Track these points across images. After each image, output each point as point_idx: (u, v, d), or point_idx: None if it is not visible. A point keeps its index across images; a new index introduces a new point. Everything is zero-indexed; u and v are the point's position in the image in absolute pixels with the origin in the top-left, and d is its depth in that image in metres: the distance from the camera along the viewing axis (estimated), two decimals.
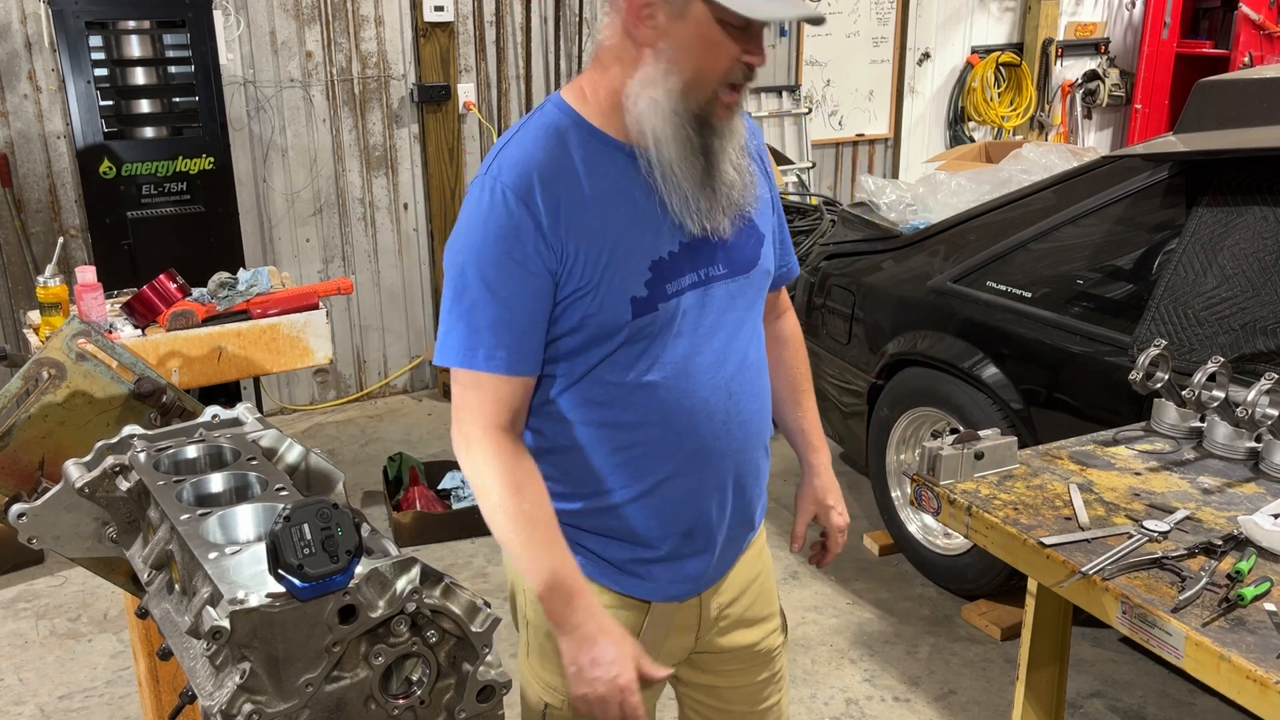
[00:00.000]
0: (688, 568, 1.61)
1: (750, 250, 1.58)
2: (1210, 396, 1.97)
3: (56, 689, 3.03)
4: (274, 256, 4.95)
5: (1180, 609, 1.53)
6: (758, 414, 1.62)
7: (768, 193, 1.66)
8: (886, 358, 3.47)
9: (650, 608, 1.62)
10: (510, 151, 1.44)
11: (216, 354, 3.13)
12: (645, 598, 1.61)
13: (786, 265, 1.76)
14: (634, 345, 1.48)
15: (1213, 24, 7.05)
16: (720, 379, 1.54)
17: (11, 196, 4.38)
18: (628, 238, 1.45)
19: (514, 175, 1.41)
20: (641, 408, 1.50)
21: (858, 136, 6.41)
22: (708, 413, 1.53)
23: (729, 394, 1.56)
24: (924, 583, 3.51)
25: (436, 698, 1.29)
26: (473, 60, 5.14)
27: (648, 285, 1.46)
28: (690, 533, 1.58)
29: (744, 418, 1.58)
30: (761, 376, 1.64)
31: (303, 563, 1.13)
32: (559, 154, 1.43)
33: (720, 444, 1.56)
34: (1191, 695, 2.92)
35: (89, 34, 3.92)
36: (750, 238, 1.58)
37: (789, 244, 1.77)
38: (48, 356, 1.80)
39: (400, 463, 4.11)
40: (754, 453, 1.63)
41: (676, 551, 1.58)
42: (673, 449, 1.53)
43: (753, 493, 1.66)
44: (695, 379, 1.52)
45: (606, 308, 1.44)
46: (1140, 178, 2.90)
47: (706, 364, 1.53)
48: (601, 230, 1.43)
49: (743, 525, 1.68)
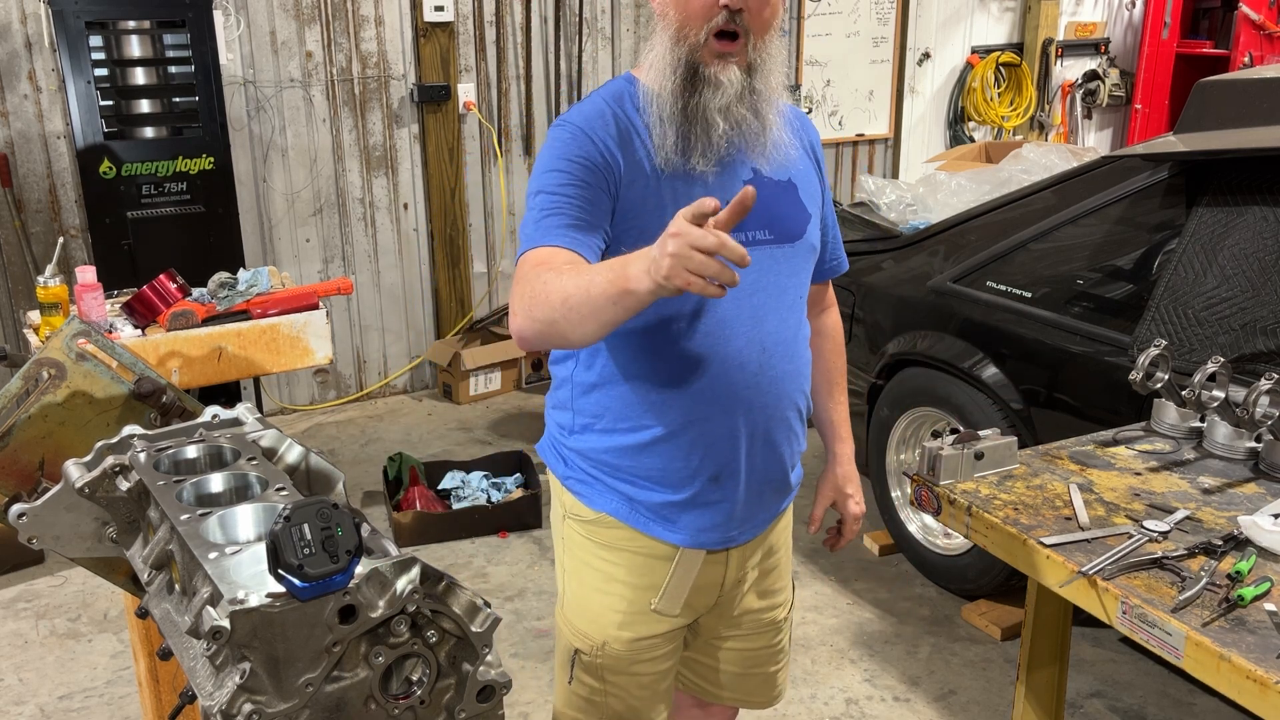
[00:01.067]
0: (712, 515, 1.69)
1: (797, 223, 1.69)
2: (1210, 396, 1.97)
3: (56, 689, 3.03)
4: (274, 256, 4.95)
5: (1180, 609, 1.53)
6: (793, 375, 1.70)
7: (816, 180, 1.77)
8: (886, 358, 3.47)
9: (679, 554, 1.70)
10: (579, 106, 1.64)
11: (216, 354, 3.13)
12: (674, 543, 1.70)
13: (836, 259, 1.89)
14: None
15: (1213, 24, 7.05)
16: (756, 335, 1.63)
17: (11, 196, 4.38)
18: (671, 186, 1.57)
19: (580, 117, 1.59)
20: (678, 351, 1.60)
21: (858, 136, 6.41)
22: (740, 362, 1.62)
23: (763, 348, 1.64)
24: (924, 583, 3.51)
25: (436, 698, 1.29)
26: (473, 60, 5.14)
27: None
28: (717, 478, 1.66)
29: (776, 374, 1.66)
30: (799, 343, 1.72)
31: (303, 563, 1.13)
32: (618, 109, 1.60)
33: (751, 394, 1.64)
34: (1191, 695, 2.92)
35: (89, 34, 3.92)
36: (797, 211, 1.69)
37: (839, 240, 1.90)
38: (48, 356, 1.80)
39: (400, 463, 4.11)
40: (786, 411, 1.70)
41: (702, 496, 1.67)
42: (705, 393, 1.61)
43: (784, 450, 1.73)
44: (731, 328, 1.61)
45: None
46: (1140, 178, 2.90)
47: (744, 317, 1.62)
48: (649, 174, 1.57)
49: (773, 485, 1.74)
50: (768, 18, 1.56)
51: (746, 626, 1.87)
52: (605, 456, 1.68)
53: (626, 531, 1.71)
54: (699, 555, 1.72)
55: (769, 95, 1.60)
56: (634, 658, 1.76)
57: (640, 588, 1.73)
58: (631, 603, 1.73)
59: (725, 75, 1.55)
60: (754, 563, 1.82)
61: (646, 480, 1.67)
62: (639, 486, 1.68)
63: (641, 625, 1.75)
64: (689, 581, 1.73)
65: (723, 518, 1.70)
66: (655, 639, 1.76)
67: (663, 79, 1.57)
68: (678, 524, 1.69)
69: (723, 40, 1.54)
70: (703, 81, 1.55)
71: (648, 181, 1.58)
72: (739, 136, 1.60)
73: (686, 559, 1.71)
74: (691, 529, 1.69)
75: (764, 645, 1.91)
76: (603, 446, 1.68)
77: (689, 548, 1.71)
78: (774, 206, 1.66)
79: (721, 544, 1.73)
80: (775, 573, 1.88)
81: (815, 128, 1.83)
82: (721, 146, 1.58)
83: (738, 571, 1.79)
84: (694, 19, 1.53)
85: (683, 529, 1.69)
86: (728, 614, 1.84)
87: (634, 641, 1.75)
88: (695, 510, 1.68)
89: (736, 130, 1.59)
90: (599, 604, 1.75)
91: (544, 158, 1.59)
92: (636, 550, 1.72)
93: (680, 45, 1.54)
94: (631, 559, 1.72)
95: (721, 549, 1.74)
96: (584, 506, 1.74)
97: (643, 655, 1.76)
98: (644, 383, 1.63)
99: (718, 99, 1.55)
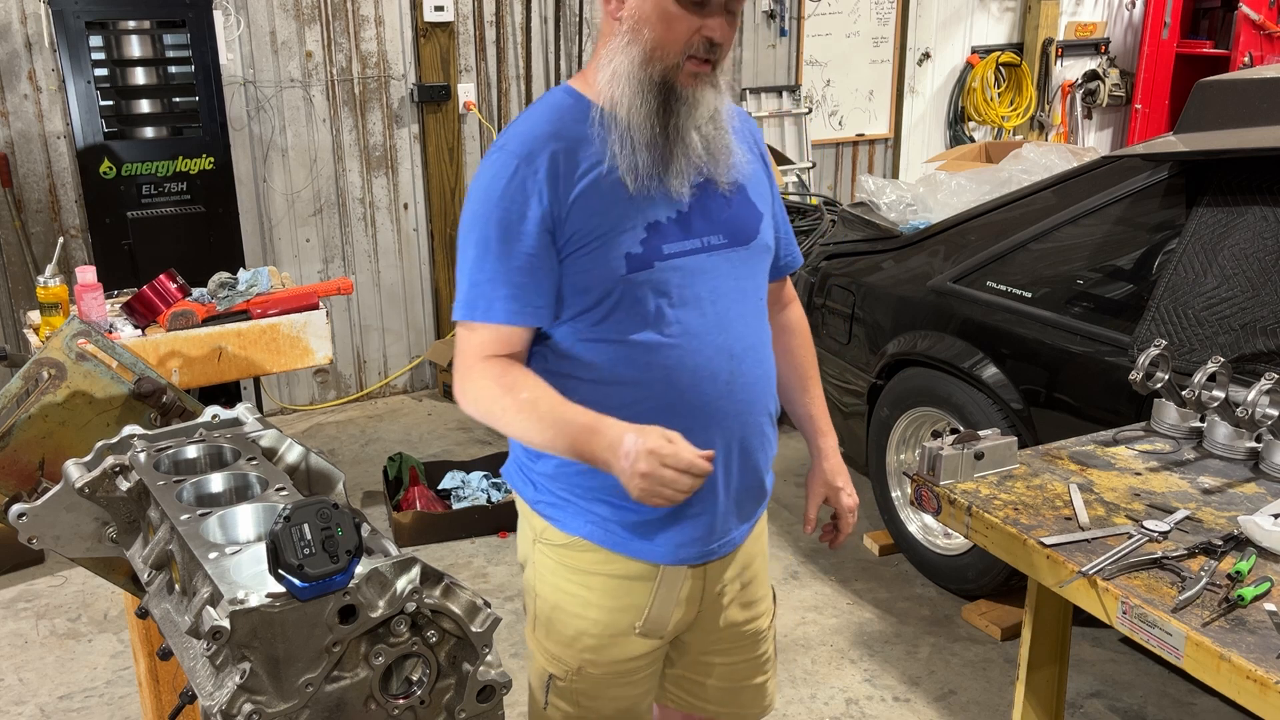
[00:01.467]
0: (691, 530, 1.66)
1: (750, 224, 1.67)
2: (1210, 396, 1.97)
3: (56, 689, 3.03)
4: (274, 256, 4.95)
5: (1180, 609, 1.53)
6: (762, 380, 1.69)
7: (764, 177, 1.75)
8: (886, 358, 3.47)
9: (660, 572, 1.68)
10: (516, 125, 1.60)
11: (216, 354, 3.13)
12: (653, 560, 1.67)
13: (790, 255, 1.85)
14: (634, 302, 1.55)
15: (1213, 24, 7.05)
16: (723, 342, 1.62)
17: (11, 196, 4.38)
18: (624, 199, 1.55)
19: (518, 143, 1.55)
20: (645, 365, 1.58)
21: (858, 136, 6.41)
22: (710, 372, 1.61)
23: (731, 356, 1.63)
24: (924, 583, 3.51)
25: (436, 698, 1.29)
26: (473, 60, 5.14)
27: (643, 244, 1.55)
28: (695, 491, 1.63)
29: (747, 381, 1.65)
30: (765, 348, 1.71)
31: (303, 563, 1.13)
32: (559, 126, 1.57)
33: (724, 404, 1.63)
34: (1191, 695, 2.92)
35: (89, 34, 3.92)
36: (749, 212, 1.68)
37: (791, 235, 1.85)
38: (48, 356, 1.80)
39: (400, 463, 4.11)
40: (759, 418, 1.69)
41: (682, 511, 1.64)
42: (676, 407, 1.59)
43: (759, 459, 1.71)
44: (698, 339, 1.60)
45: (601, 263, 1.54)
46: (1140, 178, 2.90)
47: (709, 326, 1.61)
48: (597, 191, 1.54)
49: (751, 494, 1.73)
50: (730, 44, 1.57)
51: (731, 640, 1.83)
52: (577, 478, 1.64)
53: (601, 554, 1.67)
54: (681, 572, 1.68)
55: (726, 114, 1.62)
56: (611, 682, 1.73)
57: (617, 610, 1.69)
58: (607, 627, 1.69)
59: (702, 94, 1.55)
60: (733, 574, 1.78)
61: (622, 498, 1.60)
62: (614, 505, 1.64)
63: (617, 649, 1.71)
64: (674, 599, 1.70)
65: (702, 531, 1.67)
66: (634, 662, 1.73)
67: (632, 98, 1.53)
68: (656, 540, 1.65)
69: (696, 61, 1.53)
70: (680, 101, 1.53)
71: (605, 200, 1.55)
72: (708, 154, 1.59)
73: (669, 577, 1.68)
74: (670, 544, 1.66)
75: (749, 657, 1.87)
76: (574, 469, 1.63)
77: (669, 565, 1.67)
78: (727, 210, 1.64)
79: (701, 558, 1.69)
80: (755, 583, 1.84)
81: (755, 122, 1.82)
82: (697, 165, 1.58)
83: (716, 585, 1.75)
84: (674, 44, 1.51)
85: (662, 545, 1.65)
86: (712, 629, 1.80)
87: (611, 665, 1.72)
88: (674, 525, 1.65)
89: (708, 148, 1.59)
90: (574, 628, 1.71)
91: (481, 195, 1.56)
92: (611, 573, 1.68)
93: (652, 64, 1.52)
94: (606, 582, 1.68)
95: (701, 563, 1.70)
96: (556, 531, 1.69)
97: (620, 679, 1.73)
98: (614, 400, 1.58)
99: (695, 118, 1.55)
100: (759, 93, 6.00)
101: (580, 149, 1.55)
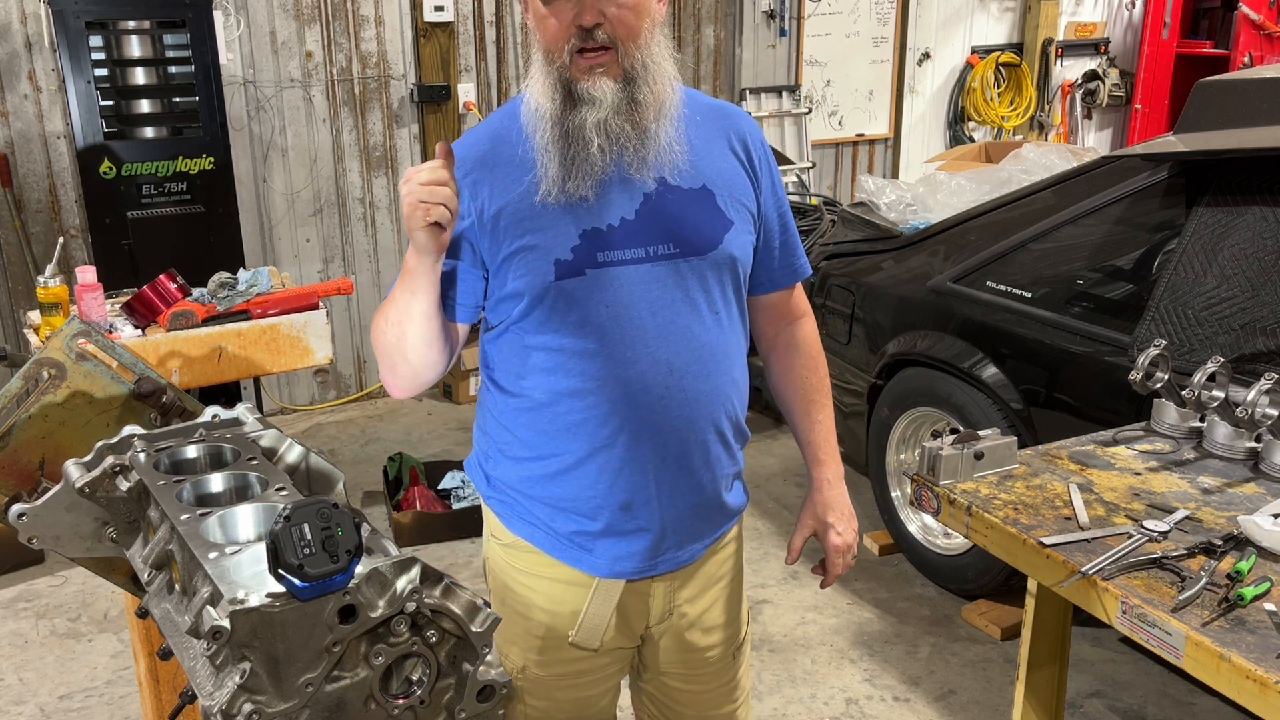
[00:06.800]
0: (629, 544, 1.62)
1: (709, 232, 1.58)
2: (1210, 396, 1.97)
3: (56, 689, 3.03)
4: (274, 256, 4.95)
5: (1180, 609, 1.53)
6: (710, 395, 1.61)
7: (747, 181, 1.64)
8: (886, 358, 3.47)
9: (595, 583, 1.65)
10: (465, 134, 1.66)
11: (216, 354, 3.13)
12: (590, 572, 1.64)
13: (792, 264, 1.75)
14: (567, 309, 1.54)
15: (1213, 24, 7.05)
16: (661, 354, 1.56)
17: (11, 196, 4.38)
18: (557, 206, 1.53)
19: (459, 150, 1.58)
20: (579, 374, 1.56)
21: (858, 136, 6.41)
22: (644, 385, 1.56)
23: (670, 370, 1.57)
24: (924, 583, 3.51)
25: (436, 698, 1.29)
26: (473, 60, 5.14)
27: (574, 251, 1.53)
28: (629, 506, 1.60)
29: (687, 396, 1.59)
30: (719, 360, 1.62)
31: (303, 563, 1.13)
32: (503, 132, 1.59)
33: (658, 419, 1.57)
34: (1191, 695, 2.92)
35: (89, 34, 3.92)
36: (711, 219, 1.59)
37: (794, 245, 1.75)
38: (48, 356, 1.80)
39: (400, 463, 4.11)
40: (703, 433, 1.62)
41: (616, 525, 1.61)
42: (608, 418, 1.56)
43: (703, 476, 1.64)
44: (633, 350, 1.55)
45: (533, 269, 1.53)
46: (1140, 178, 2.90)
47: (647, 337, 1.56)
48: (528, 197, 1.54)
49: (700, 513, 1.66)
50: (634, 23, 1.48)
51: (692, 665, 1.76)
52: (519, 485, 1.65)
53: (544, 558, 1.65)
54: (617, 585, 1.65)
55: (653, 103, 1.52)
56: (555, 684, 1.71)
57: (559, 614, 1.67)
58: (550, 629, 1.68)
59: (597, 90, 1.49)
60: (689, 595, 1.72)
61: (558, 508, 1.62)
62: (553, 514, 1.63)
63: (559, 653, 1.69)
64: (607, 612, 1.66)
65: (641, 546, 1.62)
66: (576, 665, 1.70)
67: (542, 101, 1.52)
68: (593, 551, 1.62)
69: (588, 55, 1.48)
70: (579, 99, 1.50)
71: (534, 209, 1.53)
72: (616, 152, 1.52)
73: (603, 589, 1.64)
74: (608, 557, 1.62)
75: (715, 686, 1.80)
76: (515, 475, 1.65)
77: (605, 577, 1.64)
78: (679, 217, 1.56)
79: (640, 573, 1.64)
80: (717, 608, 1.75)
81: (751, 121, 1.70)
82: (599, 165, 1.52)
83: (666, 603, 1.70)
84: (556, 41, 1.49)
85: (599, 557, 1.62)
86: (669, 650, 1.74)
87: (554, 668, 1.70)
88: (611, 538, 1.62)
89: (614, 145, 1.52)
90: (519, 627, 1.70)
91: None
92: (554, 577, 1.66)
93: (551, 65, 1.51)
94: (550, 585, 1.67)
95: (642, 578, 1.66)
96: (503, 528, 1.69)
97: (565, 681, 1.72)
98: (546, 411, 1.58)
99: (594, 114, 1.49)
100: (759, 93, 6.00)
101: (512, 162, 1.56)
